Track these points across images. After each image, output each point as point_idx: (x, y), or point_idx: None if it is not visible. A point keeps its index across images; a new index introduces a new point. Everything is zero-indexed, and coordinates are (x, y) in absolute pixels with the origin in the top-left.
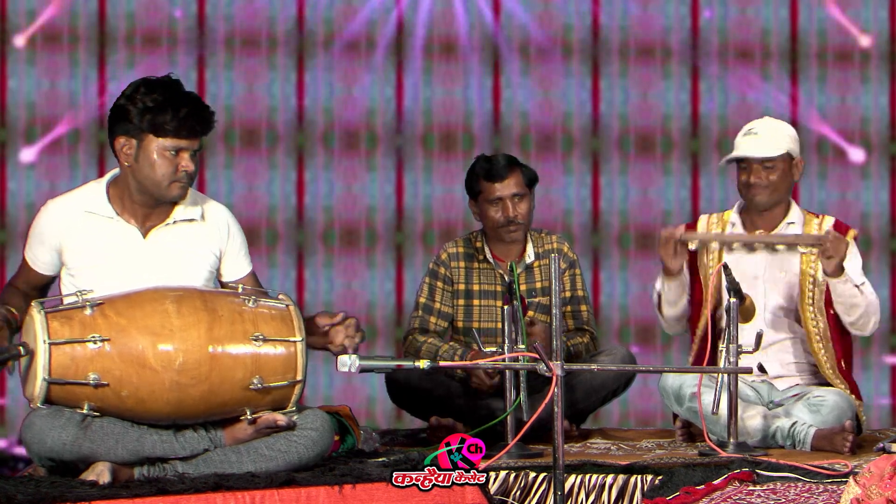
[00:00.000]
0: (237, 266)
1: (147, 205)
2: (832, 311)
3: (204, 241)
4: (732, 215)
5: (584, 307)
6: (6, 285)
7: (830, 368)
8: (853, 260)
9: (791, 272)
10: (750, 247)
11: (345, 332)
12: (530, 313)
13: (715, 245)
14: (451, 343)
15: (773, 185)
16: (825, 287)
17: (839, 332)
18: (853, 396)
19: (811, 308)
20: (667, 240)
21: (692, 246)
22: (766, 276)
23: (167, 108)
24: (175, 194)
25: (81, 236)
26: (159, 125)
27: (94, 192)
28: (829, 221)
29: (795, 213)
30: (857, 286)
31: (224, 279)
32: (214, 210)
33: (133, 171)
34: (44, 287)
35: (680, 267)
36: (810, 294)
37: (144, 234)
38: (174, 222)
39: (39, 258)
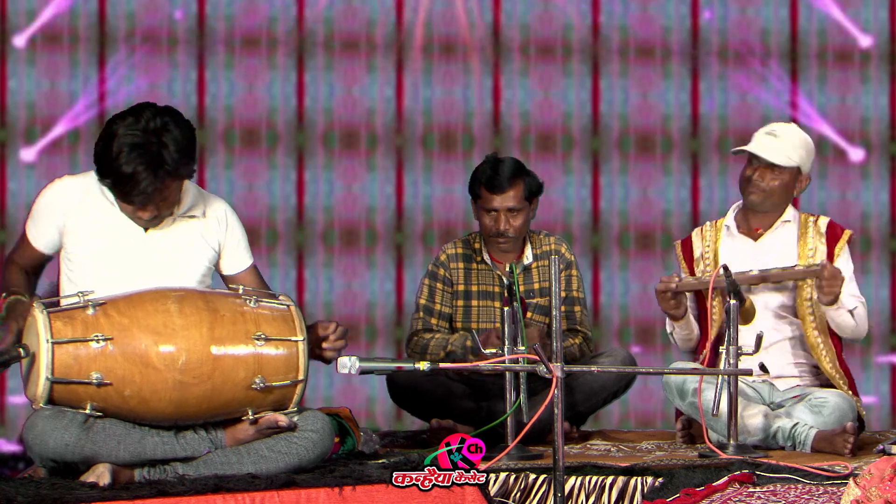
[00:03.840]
0: (237, 259)
1: None
2: None
3: (203, 236)
4: (728, 218)
5: (578, 308)
6: (6, 261)
7: (830, 363)
8: (845, 267)
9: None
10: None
11: (335, 336)
12: (528, 314)
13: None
14: (459, 333)
15: (771, 190)
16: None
17: None
18: (851, 393)
19: (808, 303)
20: (663, 292)
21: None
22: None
23: (119, 184)
24: (140, 224)
25: (84, 220)
26: (113, 190)
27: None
28: (823, 221)
29: (790, 212)
30: (850, 311)
31: (224, 273)
32: (214, 205)
33: None
34: (40, 266)
35: (684, 312)
36: (808, 291)
37: (145, 228)
38: (175, 218)
39: (41, 234)
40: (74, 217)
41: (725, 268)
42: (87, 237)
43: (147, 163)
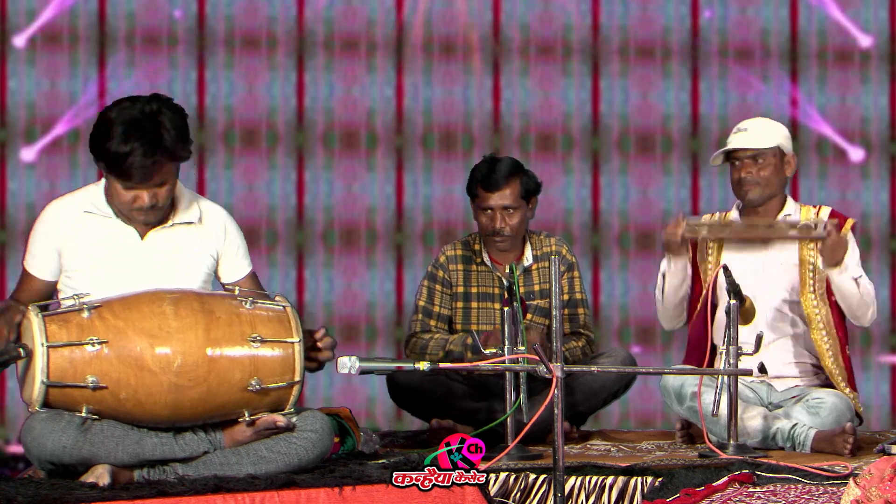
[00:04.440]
0: (236, 267)
1: None
2: (833, 298)
3: (201, 243)
4: (733, 214)
5: (581, 310)
6: (7, 300)
7: (832, 357)
8: (851, 252)
9: (790, 263)
10: (751, 241)
11: (321, 345)
12: (528, 316)
13: (707, 235)
14: (459, 333)
15: (764, 180)
16: (826, 275)
17: (841, 318)
18: (850, 389)
19: (812, 296)
20: (671, 234)
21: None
22: (766, 272)
23: (116, 161)
24: (139, 220)
25: (80, 236)
26: (114, 173)
27: (93, 194)
28: (825, 212)
29: (791, 206)
30: (854, 279)
31: (223, 281)
32: (212, 212)
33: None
34: (47, 298)
35: (685, 250)
36: (811, 282)
37: (142, 235)
38: (172, 225)
39: (41, 262)
40: (72, 235)
41: (725, 268)
42: (85, 250)
43: (144, 138)
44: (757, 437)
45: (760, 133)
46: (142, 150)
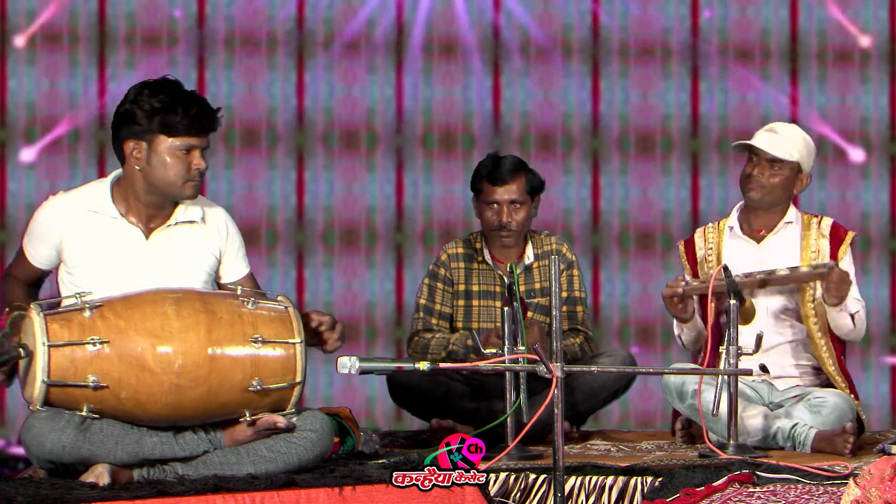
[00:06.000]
0: (235, 268)
1: (152, 206)
2: None
3: (204, 242)
4: (731, 219)
5: (579, 308)
6: (5, 275)
7: (833, 365)
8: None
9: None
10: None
11: (334, 337)
12: (529, 314)
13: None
14: (460, 332)
15: (771, 186)
16: (826, 308)
17: None
18: (852, 395)
19: (812, 304)
20: (670, 297)
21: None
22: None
23: (176, 107)
24: (189, 193)
25: (83, 235)
26: (170, 125)
27: (98, 192)
28: (827, 223)
29: (793, 213)
30: (851, 315)
31: (222, 281)
32: (213, 212)
33: (145, 174)
34: (39, 279)
35: (692, 314)
36: (811, 291)
37: (147, 235)
38: (175, 224)
39: (38, 252)
40: (72, 234)
41: (725, 268)
42: (88, 250)
43: (193, 95)
44: (757, 436)
45: (788, 142)
46: (196, 98)
